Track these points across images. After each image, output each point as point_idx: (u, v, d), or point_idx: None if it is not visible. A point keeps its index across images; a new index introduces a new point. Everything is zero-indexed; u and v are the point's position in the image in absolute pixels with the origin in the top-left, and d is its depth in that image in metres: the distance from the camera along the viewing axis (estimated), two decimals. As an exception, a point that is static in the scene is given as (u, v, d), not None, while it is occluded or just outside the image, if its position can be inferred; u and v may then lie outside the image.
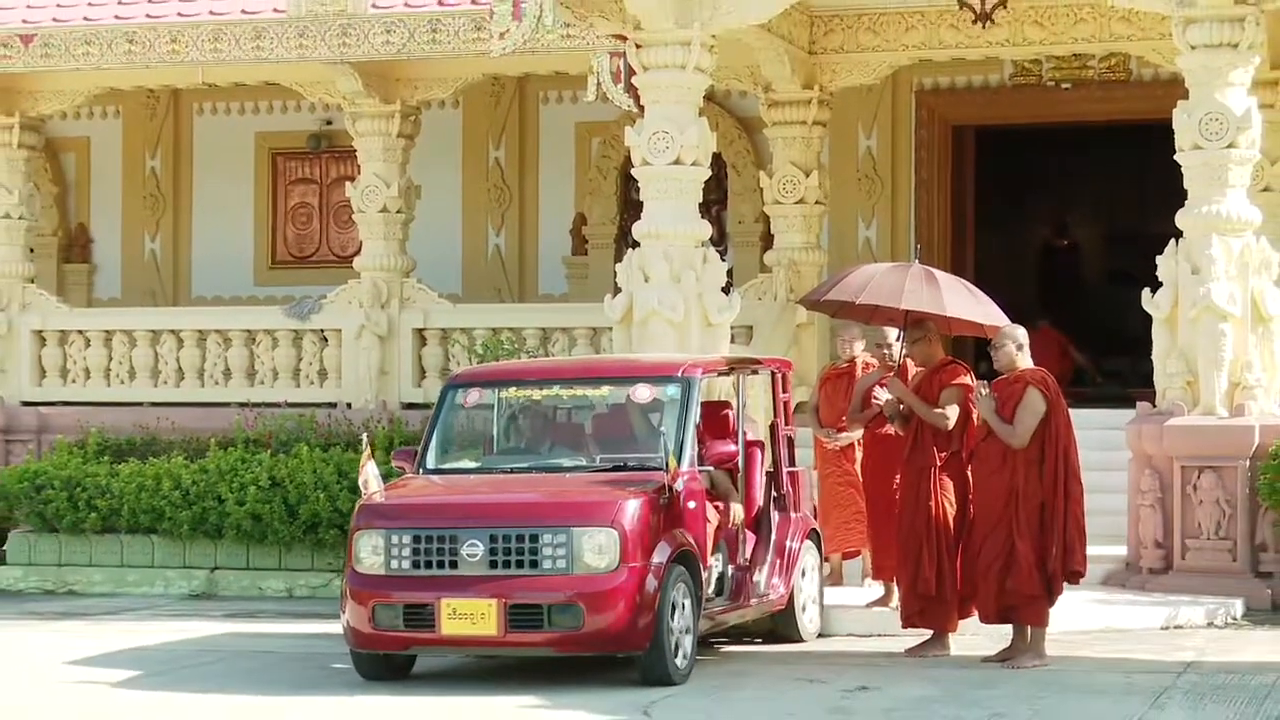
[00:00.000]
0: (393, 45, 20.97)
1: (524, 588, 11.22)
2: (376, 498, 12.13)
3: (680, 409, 12.58)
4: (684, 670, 11.72)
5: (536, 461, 13.14)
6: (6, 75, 22.25)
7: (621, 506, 11.30)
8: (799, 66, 20.71)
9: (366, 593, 11.55)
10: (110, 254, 26.18)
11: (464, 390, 13.69)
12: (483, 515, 11.71)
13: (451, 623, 11.21)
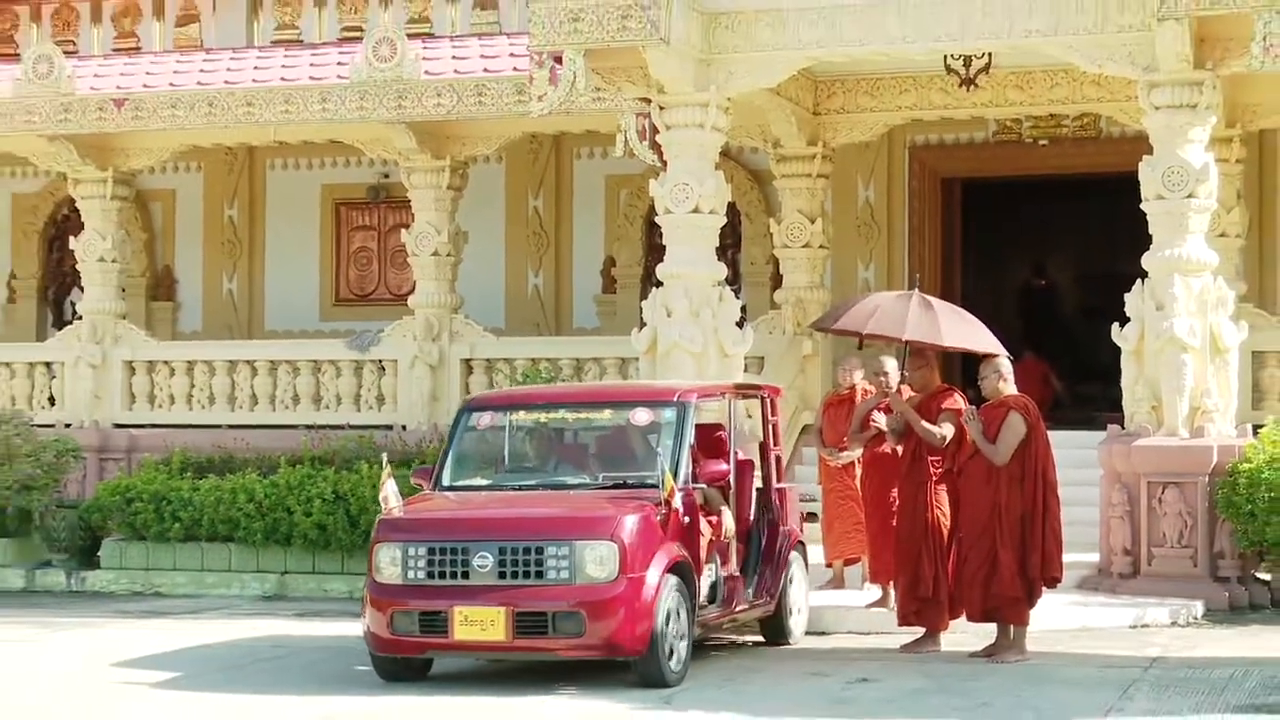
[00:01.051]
0: (443, 107, 21.01)
1: (530, 597, 11.17)
2: (395, 513, 12.06)
3: (676, 431, 12.47)
4: (679, 673, 11.60)
5: (544, 479, 13.07)
6: (101, 135, 22.31)
7: (620, 521, 11.23)
8: (804, 125, 20.70)
9: (385, 601, 11.54)
10: (192, 293, 26.22)
11: (477, 413, 13.55)
12: (492, 529, 11.64)
13: (463, 629, 11.17)
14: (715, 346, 17.34)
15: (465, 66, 21.70)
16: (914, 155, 23.37)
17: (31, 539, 19.66)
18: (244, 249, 25.99)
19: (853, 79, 20.23)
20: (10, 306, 26.84)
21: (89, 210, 22.94)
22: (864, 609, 15.36)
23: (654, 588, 11.12)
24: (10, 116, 22.41)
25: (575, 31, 16.88)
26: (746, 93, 17.85)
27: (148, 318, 25.26)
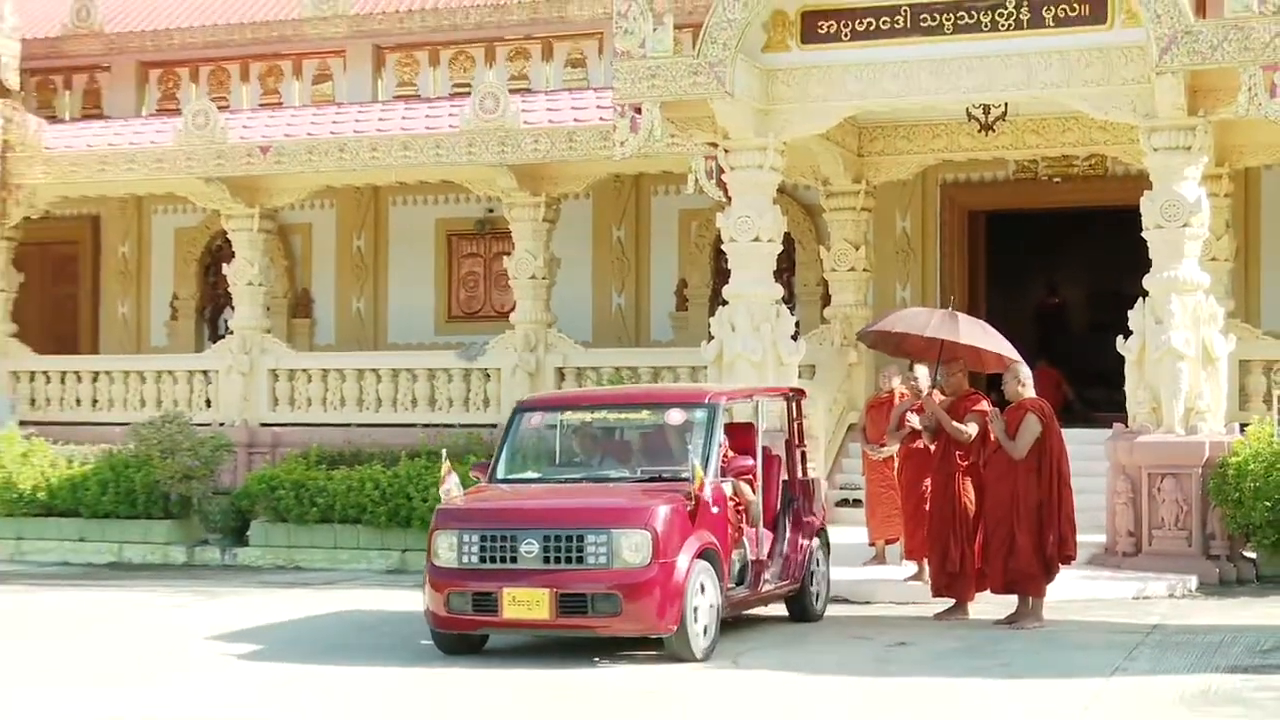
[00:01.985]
0: (539, 152, 21.06)
1: (571, 579, 10.90)
2: (455, 503, 11.85)
3: (706, 429, 12.13)
4: (707, 648, 11.25)
5: (588, 473, 12.65)
6: (249, 177, 22.47)
7: (654, 512, 10.96)
8: (850, 165, 20.67)
9: (443, 582, 11.30)
10: (326, 311, 26.37)
11: (529, 414, 13.30)
12: (537, 519, 11.36)
13: (512, 608, 10.96)
14: (773, 356, 17.32)
15: (558, 117, 21.76)
16: (944, 191, 23.27)
17: (191, 521, 19.80)
18: (370, 273, 26.10)
19: (891, 125, 20.17)
20: (173, 324, 27.03)
21: (239, 241, 23.10)
22: (902, 582, 15.32)
23: (684, 571, 10.88)
24: (173, 162, 22.67)
25: (652, 86, 16.92)
26: (800, 138, 17.84)
27: (289, 332, 25.39)
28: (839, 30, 16.94)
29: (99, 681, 11.22)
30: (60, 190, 24.01)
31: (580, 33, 24.89)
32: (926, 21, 16.62)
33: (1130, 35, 15.96)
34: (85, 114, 26.87)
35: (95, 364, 24.58)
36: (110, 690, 10.83)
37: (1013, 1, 16.35)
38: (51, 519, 20.21)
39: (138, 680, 11.27)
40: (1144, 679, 10.76)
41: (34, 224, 24.63)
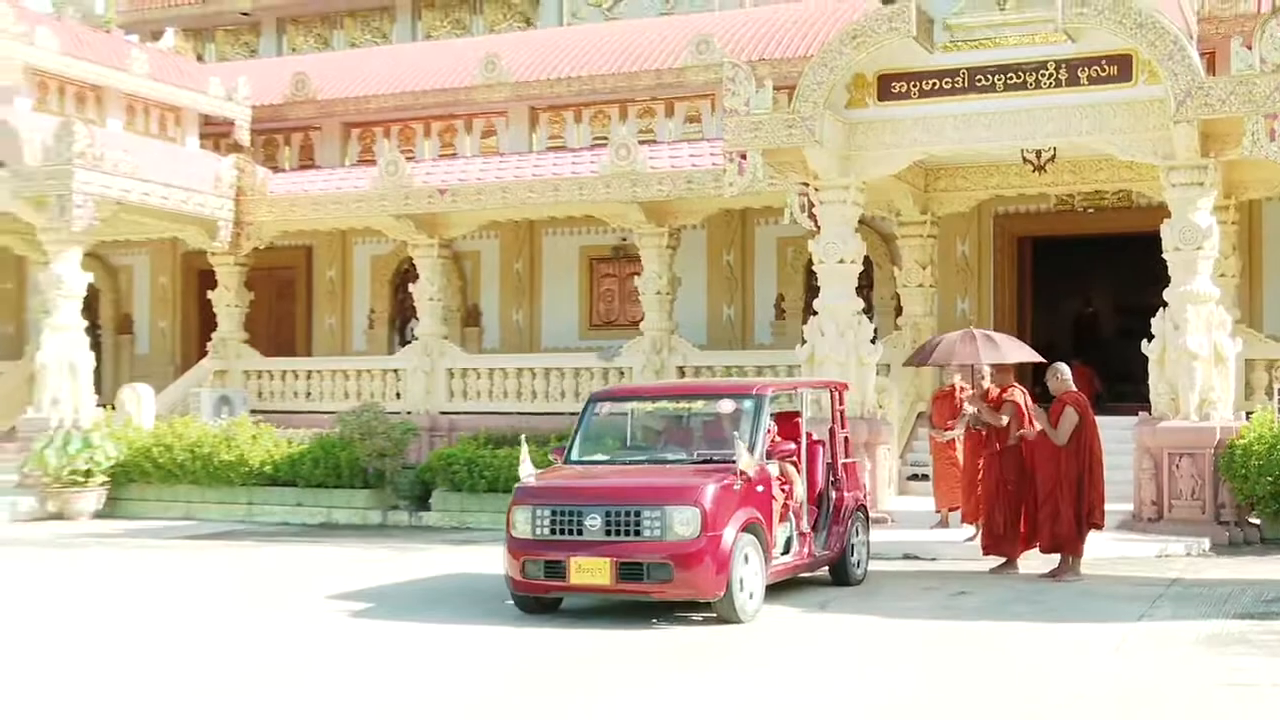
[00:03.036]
0: (663, 191, 21.20)
1: (630, 550, 10.41)
2: (530, 481, 11.34)
3: (753, 417, 11.49)
4: (752, 612, 10.67)
5: (650, 456, 12.01)
6: (430, 214, 22.82)
7: (703, 490, 10.42)
8: (918, 200, 20.50)
9: (519, 551, 10.87)
10: (492, 321, 26.56)
11: (600, 403, 12.67)
12: (601, 497, 10.80)
13: (578, 575, 10.52)
14: (855, 358, 17.28)
15: (678, 162, 21.83)
16: (996, 221, 23.02)
17: (385, 490, 19.98)
18: (526, 291, 26.26)
19: (952, 167, 19.97)
20: (370, 332, 27.36)
21: (422, 265, 23.36)
22: (962, 542, 15.24)
23: (730, 543, 10.34)
24: (370, 202, 23.05)
25: (755, 137, 16.96)
26: (876, 178, 17.73)
27: (462, 339, 25.60)
28: (909, 89, 16.86)
29: (334, 609, 11.60)
30: (281, 226, 24.54)
31: (696, 94, 24.87)
32: (981, 81, 16.52)
33: (1151, 91, 15.78)
34: (301, 165, 27.30)
35: (308, 365, 25.02)
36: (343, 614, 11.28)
37: (1053, 64, 16.22)
38: (275, 488, 20.48)
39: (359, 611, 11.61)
40: (1165, 624, 10.74)
41: (261, 253, 25.16)
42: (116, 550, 17.05)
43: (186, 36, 30.26)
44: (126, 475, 21.08)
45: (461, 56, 27.22)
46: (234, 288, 25.03)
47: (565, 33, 28.36)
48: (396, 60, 28.37)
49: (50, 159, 21.10)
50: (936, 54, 16.52)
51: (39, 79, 22.44)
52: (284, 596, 13.03)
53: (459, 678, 9.00)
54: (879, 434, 17.37)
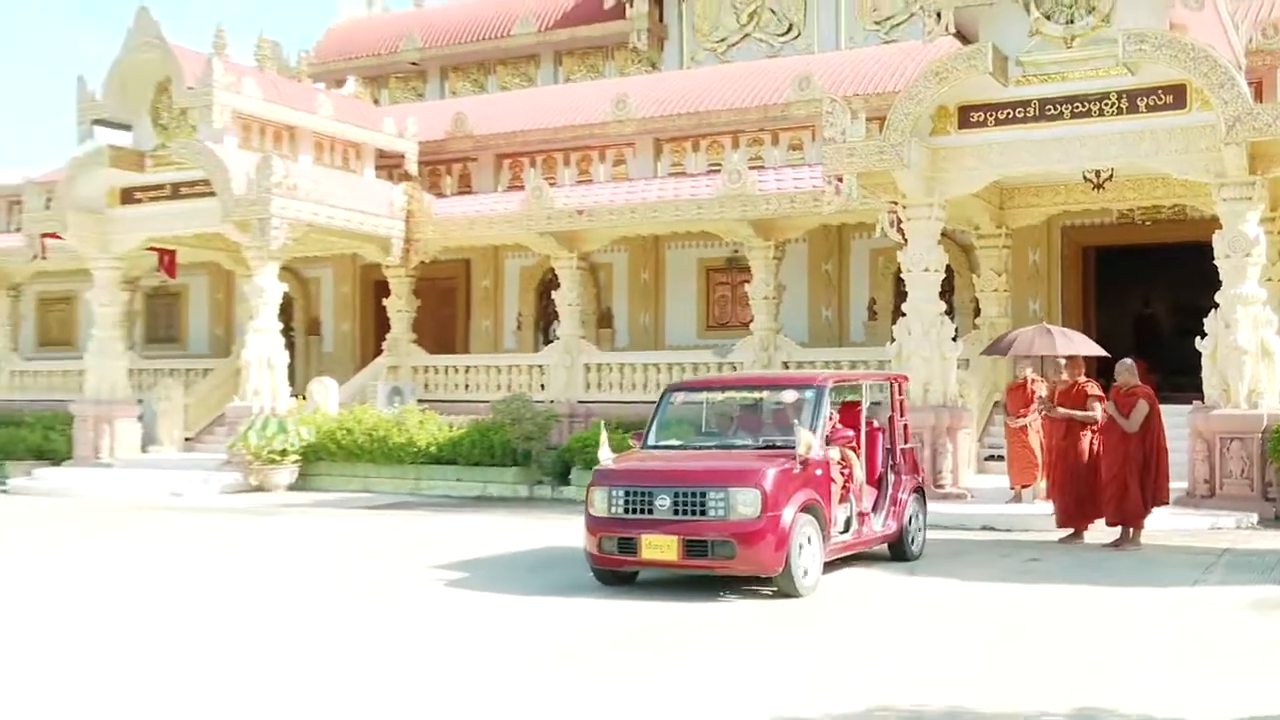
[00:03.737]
0: (770, 210, 21.16)
1: (695, 529, 9.81)
2: (608, 465, 10.76)
3: (814, 406, 10.77)
4: (810, 586, 10.04)
5: (720, 441, 11.39)
6: (570, 232, 23.02)
7: (764, 473, 9.81)
8: (994, 215, 20.25)
9: (597, 529, 10.30)
10: (622, 323, 26.69)
11: (675, 393, 11.99)
12: (670, 479, 10.16)
13: (648, 551, 9.96)
14: (938, 354, 17.15)
15: (783, 185, 21.75)
16: (1064, 233, 22.62)
17: (531, 468, 20.16)
18: (651, 297, 26.36)
19: (1025, 186, 19.68)
20: (518, 333, 27.62)
21: (562, 276, 23.54)
22: (1035, 516, 15.02)
23: (789, 522, 9.73)
24: (518, 222, 23.29)
25: (850, 162, 16.89)
26: (957, 197, 17.56)
27: (596, 339, 25.76)
28: (986, 118, 16.69)
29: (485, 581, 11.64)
30: (443, 243, 24.91)
31: (798, 126, 24.76)
32: (1051, 111, 16.30)
33: (1204, 117, 15.46)
34: (460, 191, 27.65)
35: (466, 361, 25.35)
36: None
37: (1115, 94, 15.98)
38: (438, 466, 20.80)
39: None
40: (1217, 588, 10.58)
41: (426, 266, 25.56)
42: (302, 517, 17.51)
43: (364, 83, 30.80)
44: (315, 454, 21.58)
45: (596, 97, 27.44)
46: (404, 295, 25.46)
47: (685, 75, 28.41)
48: (541, 101, 28.67)
49: (253, 189, 21.65)
50: (1011, 87, 16.31)
51: (243, 121, 23.00)
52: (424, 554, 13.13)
53: (535, 633, 8.93)
54: (960, 420, 17.19)
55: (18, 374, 29.43)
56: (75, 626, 9.47)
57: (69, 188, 23.39)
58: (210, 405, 25.57)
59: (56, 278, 30.22)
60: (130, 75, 22.88)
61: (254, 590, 11.16)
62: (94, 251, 23.77)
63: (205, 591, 11.11)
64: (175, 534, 15.67)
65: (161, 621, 9.61)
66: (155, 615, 9.92)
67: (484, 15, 32.81)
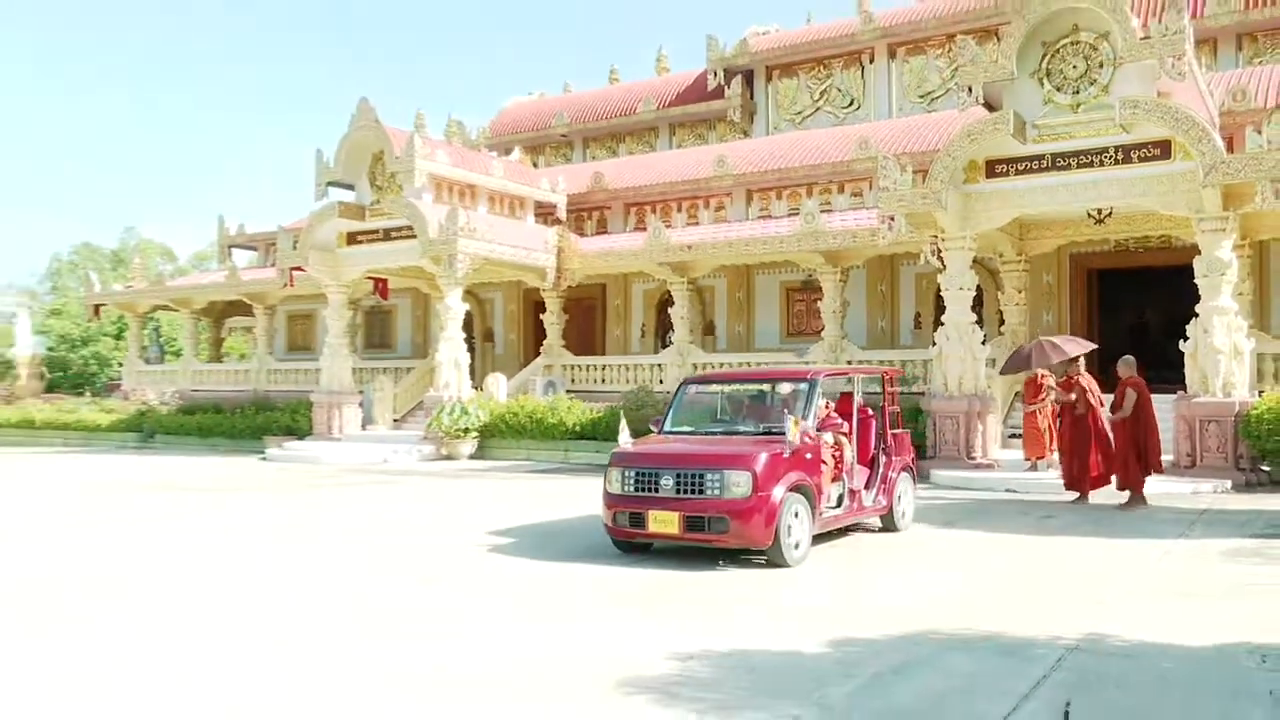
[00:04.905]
0: (836, 243, 20.93)
1: (694, 507, 8.75)
2: (624, 448, 9.64)
3: (807, 397, 9.71)
4: (799, 558, 8.95)
5: (726, 428, 10.12)
6: (681, 262, 23.06)
7: (756, 457, 8.74)
8: (1015, 245, 19.78)
9: (612, 504, 9.21)
10: (722, 332, 26.63)
11: (689, 385, 10.78)
12: (673, 462, 9.06)
13: (654, 524, 8.90)
14: (970, 355, 16.83)
15: (847, 224, 21.57)
16: (1071, 258, 22.00)
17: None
18: (744, 311, 26.24)
19: (1040, 221, 19.18)
20: (642, 339, 27.71)
21: (676, 296, 23.59)
22: (1048, 481, 14.64)
23: (778, 501, 8.70)
24: (642, 255, 23.39)
25: (900, 205, 16.73)
26: (985, 231, 17.19)
27: (702, 344, 25.77)
28: (1008, 169, 16.34)
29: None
30: (586, 271, 25.15)
31: (859, 178, 24.50)
32: (1061, 163, 15.94)
33: (1186, 165, 15.01)
34: (597, 232, 27.91)
35: (603, 361, 25.53)
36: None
37: (1113, 148, 15.60)
38: (583, 440, 20.91)
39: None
40: (1198, 541, 10.20)
41: (573, 289, 25.85)
42: (480, 478, 17.85)
43: (526, 151, 31.26)
44: (489, 432, 21.93)
45: (701, 158, 27.49)
46: (556, 311, 25.77)
47: (770, 140, 28.29)
48: (659, 162, 28.80)
49: (443, 232, 22.13)
50: (1028, 144, 16.00)
51: (436, 181, 23.52)
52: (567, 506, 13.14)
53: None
54: (987, 406, 16.83)
55: (273, 372, 30.41)
56: (335, 534, 10.47)
57: (309, 233, 24.18)
58: (412, 395, 26.17)
59: (300, 300, 31.32)
60: (353, 149, 23.56)
61: (451, 521, 11.60)
62: (328, 280, 24.53)
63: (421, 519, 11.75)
64: (390, 488, 16.15)
65: (391, 532, 10.54)
66: (386, 529, 10.77)
67: (616, 97, 33.11)
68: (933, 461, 16.62)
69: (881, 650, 6.01)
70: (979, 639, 6.25)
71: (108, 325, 48.35)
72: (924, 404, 17.24)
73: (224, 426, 26.69)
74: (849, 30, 28.82)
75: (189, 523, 12.24)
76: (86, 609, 7.37)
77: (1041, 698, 5.07)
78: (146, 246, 60.53)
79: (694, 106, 31.06)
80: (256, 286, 29.74)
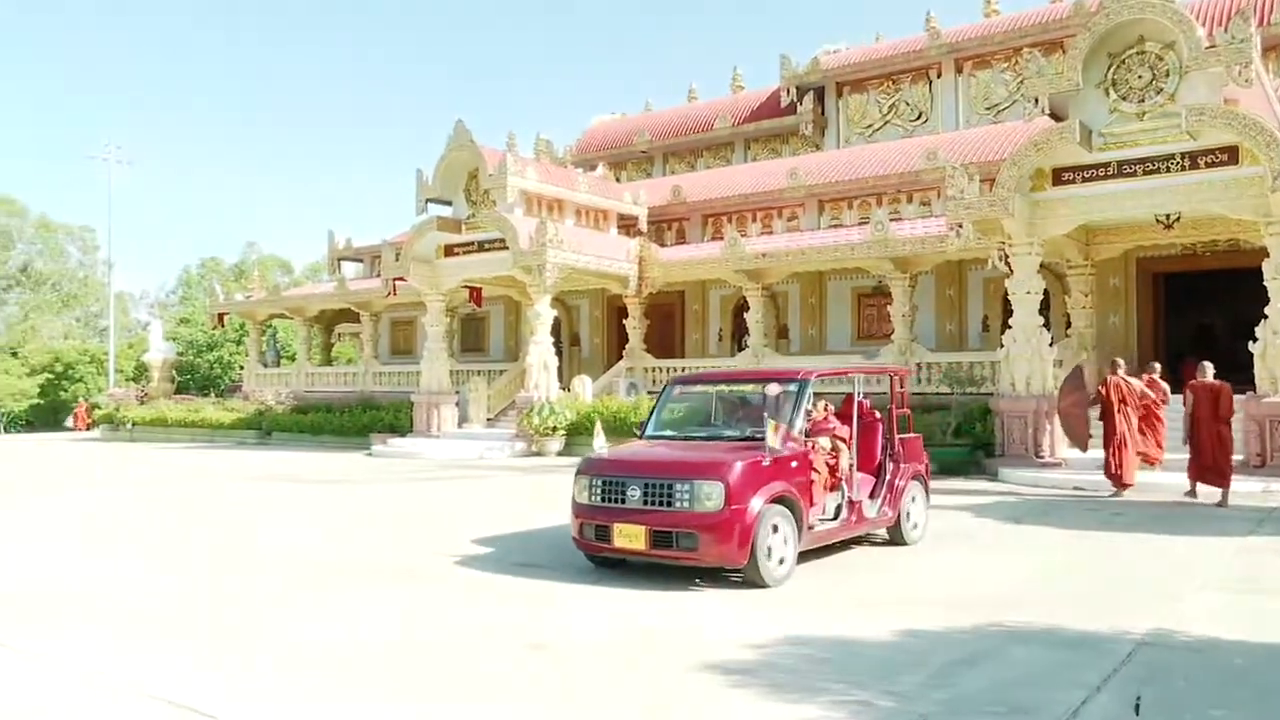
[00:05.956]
0: (906, 250, 20.62)
1: (661, 520, 7.52)
2: (598, 454, 8.53)
3: (795, 400, 8.35)
4: (780, 576, 7.67)
5: (709, 433, 8.76)
6: (756, 269, 22.98)
7: (730, 465, 7.48)
8: (1081, 250, 19.24)
9: (580, 515, 8.04)
10: (795, 335, 26.33)
11: (675, 387, 9.43)
12: (641, 470, 7.81)
13: (620, 539, 7.68)
14: (1038, 356, 16.43)
15: (915, 232, 21.20)
16: (1139, 262, 21.25)
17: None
18: (817, 315, 25.97)
19: (1106, 227, 18.63)
20: (720, 343, 27.54)
21: (751, 301, 23.46)
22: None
23: (754, 515, 7.42)
24: (719, 263, 23.33)
25: (968, 213, 16.38)
26: (1051, 237, 16.74)
27: (776, 347, 25.53)
28: (1075, 177, 15.90)
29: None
30: (665, 279, 25.19)
31: (927, 188, 24.08)
32: (1127, 170, 15.44)
33: (1253, 170, 14.44)
34: (676, 242, 27.92)
35: (681, 363, 25.46)
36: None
37: (1179, 155, 15.04)
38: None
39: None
40: (1269, 538, 9.88)
41: (653, 296, 25.89)
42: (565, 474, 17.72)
43: (609, 167, 31.43)
44: (576, 429, 22.01)
45: (774, 171, 27.33)
46: (638, 317, 25.84)
47: (841, 153, 27.99)
48: (734, 175, 28.70)
49: (533, 244, 22.38)
50: (1094, 152, 15.51)
51: (526, 197, 23.80)
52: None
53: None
54: (1054, 406, 16.35)
55: (377, 374, 31.02)
56: (441, 513, 10.91)
57: (410, 246, 24.66)
58: (504, 395, 26.48)
59: (402, 308, 31.93)
60: (450, 167, 23.97)
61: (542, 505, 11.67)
62: (427, 289, 24.99)
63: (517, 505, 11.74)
64: (485, 481, 16.38)
65: (490, 514, 10.84)
66: (488, 512, 11.15)
67: (693, 115, 33.10)
68: (1000, 460, 16.27)
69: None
70: (1044, 632, 6.11)
71: (230, 332, 49.95)
72: (992, 404, 16.87)
73: (333, 425, 27.36)
74: (917, 46, 28.36)
75: (331, 504, 12.93)
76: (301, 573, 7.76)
77: (1112, 690, 4.93)
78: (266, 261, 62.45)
79: (767, 122, 30.88)
80: (362, 296, 30.44)
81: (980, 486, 14.84)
